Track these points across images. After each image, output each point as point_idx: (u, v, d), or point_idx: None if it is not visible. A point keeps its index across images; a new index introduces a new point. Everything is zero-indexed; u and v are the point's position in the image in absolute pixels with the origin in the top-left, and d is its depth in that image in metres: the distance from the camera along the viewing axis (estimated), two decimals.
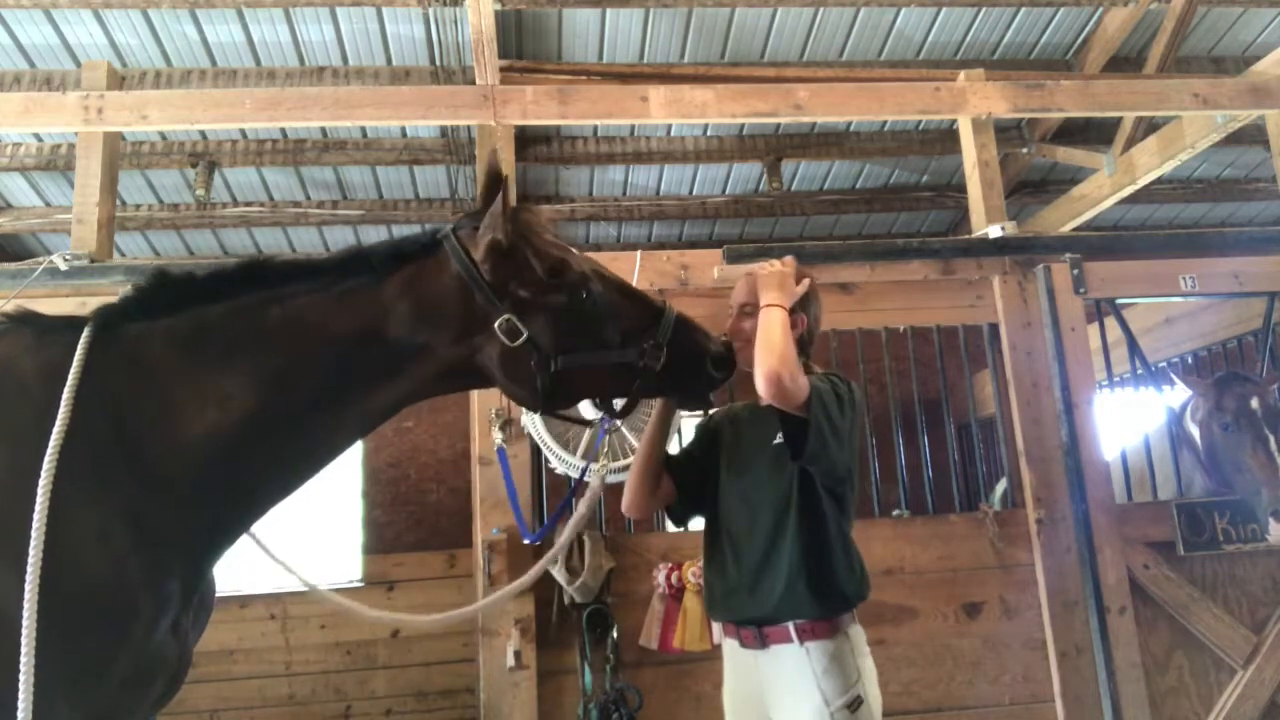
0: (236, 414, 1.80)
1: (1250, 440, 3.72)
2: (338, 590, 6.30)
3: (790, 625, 2.26)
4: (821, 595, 2.25)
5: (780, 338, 2.21)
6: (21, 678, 1.52)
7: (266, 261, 1.96)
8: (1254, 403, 3.79)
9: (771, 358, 2.17)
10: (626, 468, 3.54)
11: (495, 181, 1.97)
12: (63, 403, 1.67)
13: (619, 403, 2.21)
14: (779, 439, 2.34)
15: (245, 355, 1.85)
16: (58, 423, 1.65)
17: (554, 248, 2.05)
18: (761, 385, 2.17)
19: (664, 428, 2.57)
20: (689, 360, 2.11)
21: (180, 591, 1.78)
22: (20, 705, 1.52)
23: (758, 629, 2.32)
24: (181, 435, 1.77)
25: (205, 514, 1.81)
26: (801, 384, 2.17)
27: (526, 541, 3.46)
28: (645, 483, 2.57)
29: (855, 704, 2.19)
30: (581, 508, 2.62)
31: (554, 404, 2.03)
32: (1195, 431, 4.04)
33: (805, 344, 2.49)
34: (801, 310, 2.46)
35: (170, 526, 1.74)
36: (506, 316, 1.92)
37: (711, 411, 2.71)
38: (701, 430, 2.71)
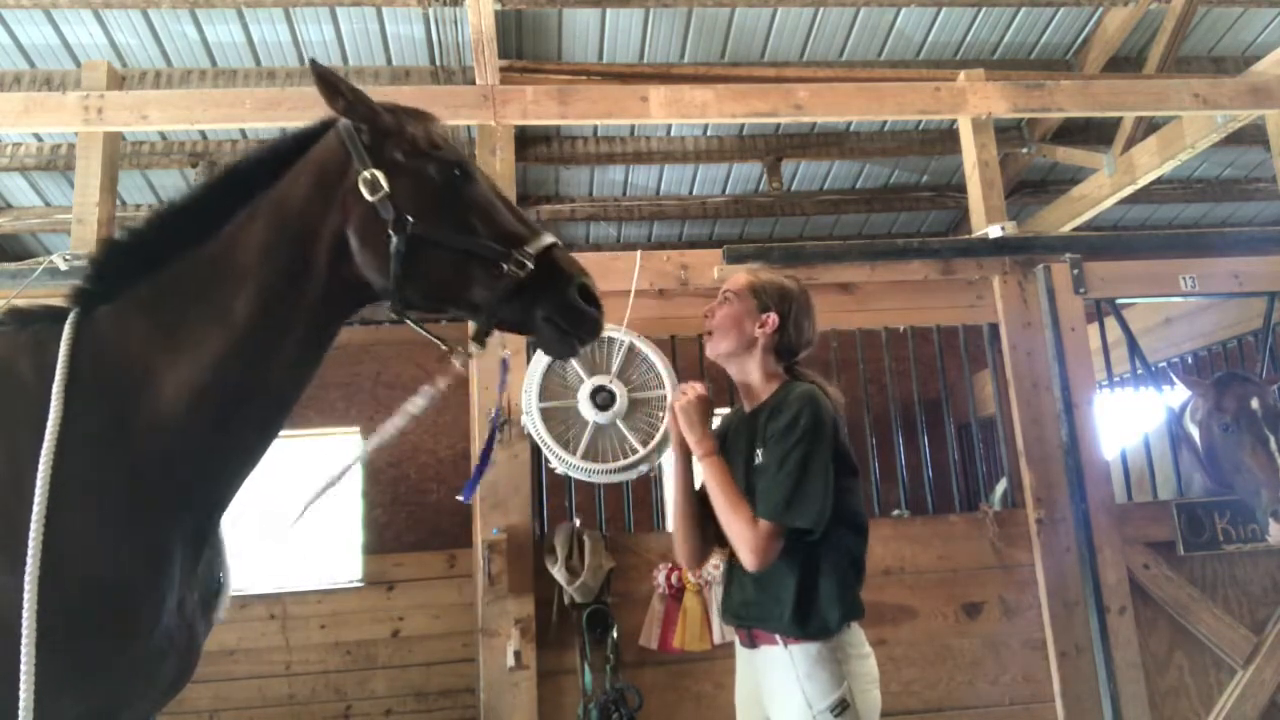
0: (206, 361, 1.81)
1: (1250, 441, 3.72)
2: (339, 590, 6.26)
3: (776, 632, 2.25)
4: (803, 622, 2.21)
5: (728, 501, 2.23)
6: (23, 671, 1.52)
7: (194, 204, 1.95)
8: (1254, 403, 3.79)
9: (737, 527, 2.19)
10: (627, 468, 3.56)
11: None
12: (54, 391, 1.68)
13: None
14: (759, 458, 2.29)
15: (199, 303, 1.86)
16: (52, 410, 1.66)
17: (441, 136, 2.06)
18: (748, 563, 2.20)
19: (687, 467, 2.47)
20: (556, 282, 1.98)
21: (182, 566, 1.78)
22: (21, 700, 1.52)
23: (748, 630, 2.33)
24: (162, 398, 1.78)
25: (196, 476, 1.82)
26: (775, 540, 2.17)
27: (460, 499, 3.38)
28: (693, 532, 2.45)
29: (840, 708, 2.16)
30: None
31: (407, 282, 1.92)
32: (1195, 431, 4.04)
33: (786, 348, 2.44)
34: (774, 309, 2.42)
35: (165, 495, 1.75)
36: (372, 171, 1.90)
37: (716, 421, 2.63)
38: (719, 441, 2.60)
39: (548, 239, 2.00)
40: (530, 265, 1.93)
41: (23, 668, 1.52)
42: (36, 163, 6.13)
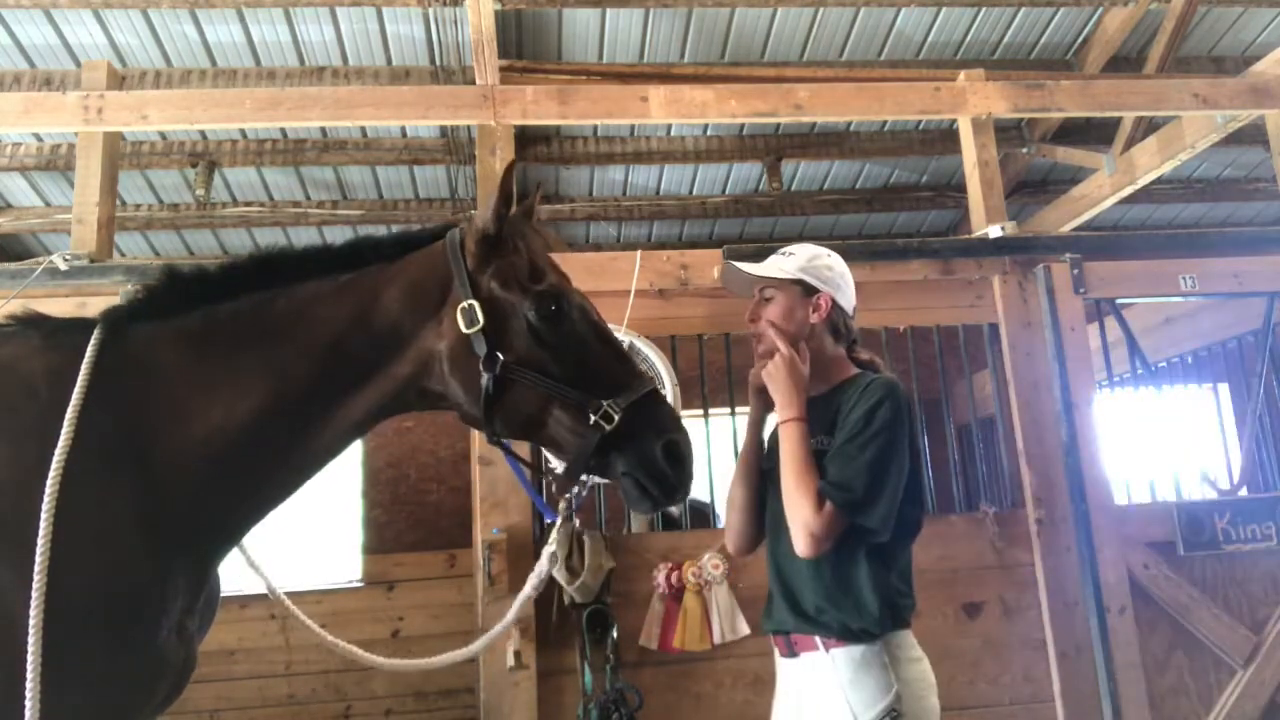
0: (243, 413, 1.80)
1: None
2: (339, 590, 6.24)
3: (816, 635, 2.10)
4: (845, 622, 2.05)
5: (797, 474, 2.02)
6: (28, 679, 1.52)
7: (279, 255, 1.96)
8: None
9: (801, 505, 1.98)
10: None
11: (507, 172, 1.96)
12: (70, 404, 1.67)
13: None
14: (831, 444, 2.10)
15: (252, 353, 1.85)
16: (65, 424, 1.65)
17: (546, 261, 2.00)
18: (802, 547, 2.00)
19: (756, 438, 2.28)
20: (642, 437, 1.89)
21: (185, 593, 1.78)
22: (27, 708, 1.52)
23: (787, 637, 2.16)
24: (189, 435, 1.77)
25: (211, 514, 1.81)
26: (836, 529, 1.97)
27: (548, 520, 3.36)
28: (750, 514, 2.27)
29: (889, 717, 1.99)
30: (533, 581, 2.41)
31: (493, 417, 1.92)
32: None
33: (840, 331, 2.29)
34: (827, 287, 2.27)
35: (176, 528, 1.74)
36: (470, 302, 1.88)
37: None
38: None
39: (642, 389, 1.92)
40: (617, 418, 1.86)
41: (29, 670, 1.52)
42: (36, 163, 6.14)
